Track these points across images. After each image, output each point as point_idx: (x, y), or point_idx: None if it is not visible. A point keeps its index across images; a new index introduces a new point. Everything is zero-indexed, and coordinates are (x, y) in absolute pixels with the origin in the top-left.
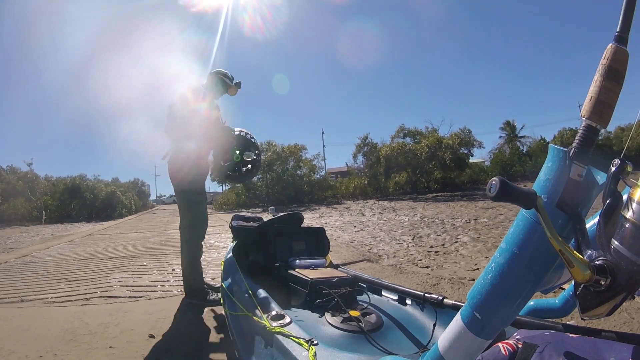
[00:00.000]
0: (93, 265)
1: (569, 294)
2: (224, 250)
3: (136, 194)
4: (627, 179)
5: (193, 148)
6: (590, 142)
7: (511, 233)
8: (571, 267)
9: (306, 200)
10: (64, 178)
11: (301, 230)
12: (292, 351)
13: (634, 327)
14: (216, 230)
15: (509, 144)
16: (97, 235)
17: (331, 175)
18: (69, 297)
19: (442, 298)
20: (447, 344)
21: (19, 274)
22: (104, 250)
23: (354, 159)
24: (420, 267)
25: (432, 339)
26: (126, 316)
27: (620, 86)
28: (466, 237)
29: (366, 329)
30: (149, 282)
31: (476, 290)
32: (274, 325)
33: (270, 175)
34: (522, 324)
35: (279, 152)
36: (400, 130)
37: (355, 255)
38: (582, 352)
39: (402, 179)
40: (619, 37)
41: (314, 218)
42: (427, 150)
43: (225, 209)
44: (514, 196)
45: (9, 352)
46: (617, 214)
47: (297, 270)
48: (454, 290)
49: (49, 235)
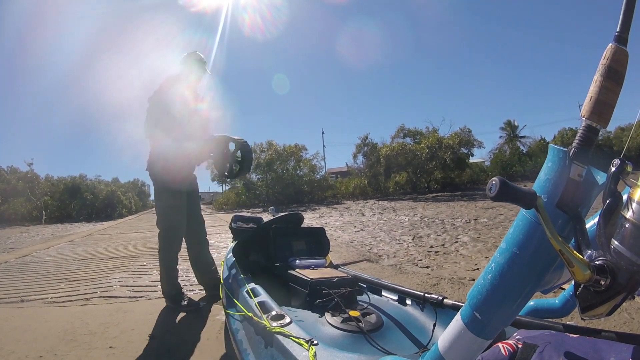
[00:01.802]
0: (93, 266)
1: (569, 294)
2: (224, 250)
3: (136, 194)
4: (627, 179)
5: (171, 146)
6: (590, 142)
7: (511, 233)
8: (571, 267)
9: (306, 200)
10: (64, 178)
11: (301, 230)
12: (292, 351)
13: (634, 327)
14: (216, 230)
15: (509, 144)
16: (97, 235)
17: (331, 175)
18: (69, 297)
19: (442, 298)
20: (447, 344)
21: (19, 274)
22: (104, 250)
23: (354, 159)
24: (420, 267)
25: (432, 339)
26: (126, 316)
27: (620, 86)
28: (466, 237)
29: (366, 329)
30: (149, 282)
31: (476, 290)
32: (274, 325)
33: (270, 175)
34: (522, 324)
35: (279, 152)
36: (400, 130)
37: (355, 256)
38: (582, 352)
39: (402, 179)
40: (619, 37)
41: (314, 218)
42: (427, 150)
43: (226, 209)
44: (514, 196)
45: (9, 352)
46: (617, 214)
47: (297, 271)
48: (454, 291)
49: (49, 235)
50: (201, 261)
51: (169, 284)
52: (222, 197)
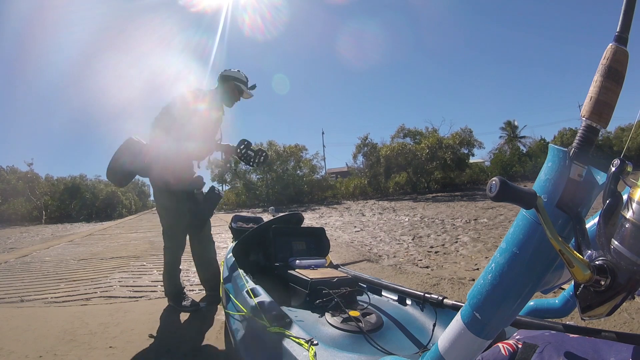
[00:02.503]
0: (93, 266)
1: (569, 294)
2: (224, 250)
3: (136, 194)
4: (627, 179)
5: (175, 147)
6: (591, 142)
7: (511, 233)
8: (571, 267)
9: (306, 200)
10: (64, 178)
11: (301, 230)
12: (292, 351)
13: (634, 327)
14: (216, 230)
15: (509, 144)
16: (97, 235)
17: (331, 175)
18: (69, 297)
19: (442, 298)
20: (447, 344)
21: (19, 274)
22: (104, 250)
23: (354, 159)
24: (420, 267)
25: (432, 339)
26: (126, 316)
27: (620, 86)
28: (466, 237)
29: (366, 329)
30: (149, 282)
31: (476, 290)
32: (274, 325)
33: (271, 175)
34: (522, 324)
35: (279, 152)
36: (400, 130)
37: (355, 256)
38: (582, 352)
39: (402, 179)
40: (619, 37)
41: (314, 218)
42: (427, 150)
43: (226, 209)
44: (514, 196)
45: (9, 352)
46: (617, 214)
47: (297, 271)
48: (454, 291)
49: (49, 235)
50: (204, 259)
51: (170, 283)
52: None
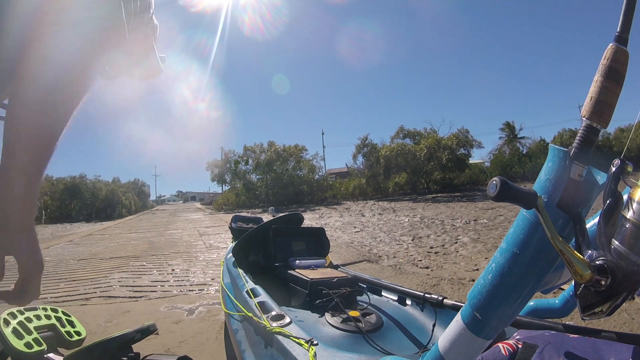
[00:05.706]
0: (93, 265)
1: (569, 294)
2: (224, 250)
3: (136, 194)
4: (627, 179)
5: None
6: (591, 142)
7: (511, 233)
8: (571, 267)
9: (306, 200)
10: (64, 178)
11: (301, 230)
12: (292, 351)
13: (634, 327)
14: (216, 230)
15: (508, 145)
16: (97, 236)
17: (331, 175)
18: (69, 297)
19: (442, 298)
20: (447, 344)
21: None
22: (104, 250)
23: (353, 160)
24: (420, 267)
25: (432, 339)
26: (126, 316)
27: (620, 86)
28: (466, 238)
29: (366, 329)
30: (149, 282)
31: (476, 291)
32: (274, 325)
33: (270, 175)
34: (522, 324)
35: (279, 153)
36: (400, 131)
37: (355, 256)
38: (582, 352)
39: (402, 179)
40: (619, 37)
41: (314, 218)
42: (425, 151)
43: (225, 210)
44: (515, 196)
45: None
46: (617, 214)
47: (297, 271)
48: (453, 291)
49: (49, 235)
50: None
51: None
52: (222, 197)
